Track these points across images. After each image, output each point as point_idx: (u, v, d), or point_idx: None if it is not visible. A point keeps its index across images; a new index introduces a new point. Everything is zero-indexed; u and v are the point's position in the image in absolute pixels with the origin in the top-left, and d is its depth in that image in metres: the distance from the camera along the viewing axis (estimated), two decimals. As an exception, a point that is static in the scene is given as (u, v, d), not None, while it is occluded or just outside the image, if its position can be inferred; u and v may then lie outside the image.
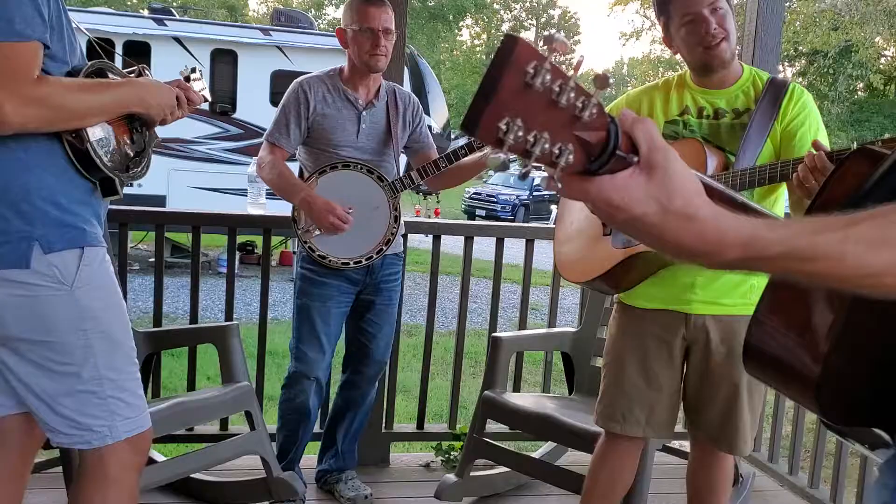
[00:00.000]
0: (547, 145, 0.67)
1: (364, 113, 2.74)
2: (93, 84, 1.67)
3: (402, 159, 2.94)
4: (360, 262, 2.73)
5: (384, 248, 2.75)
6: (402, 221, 2.79)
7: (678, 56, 2.15)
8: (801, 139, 2.04)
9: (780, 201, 2.14)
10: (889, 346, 0.88)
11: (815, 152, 1.80)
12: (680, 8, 2.03)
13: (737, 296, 2.09)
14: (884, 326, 0.87)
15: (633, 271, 2.10)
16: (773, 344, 0.95)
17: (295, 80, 2.78)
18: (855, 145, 1.76)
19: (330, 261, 2.71)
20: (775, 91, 2.07)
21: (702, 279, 2.08)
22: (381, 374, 2.99)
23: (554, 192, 0.73)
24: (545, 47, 0.67)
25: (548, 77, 0.66)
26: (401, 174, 2.79)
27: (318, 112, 2.71)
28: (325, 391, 3.00)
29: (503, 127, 0.66)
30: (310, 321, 2.76)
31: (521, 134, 0.66)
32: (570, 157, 0.69)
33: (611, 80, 0.77)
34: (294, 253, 2.85)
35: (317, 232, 2.70)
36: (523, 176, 0.71)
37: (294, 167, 2.88)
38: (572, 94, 0.68)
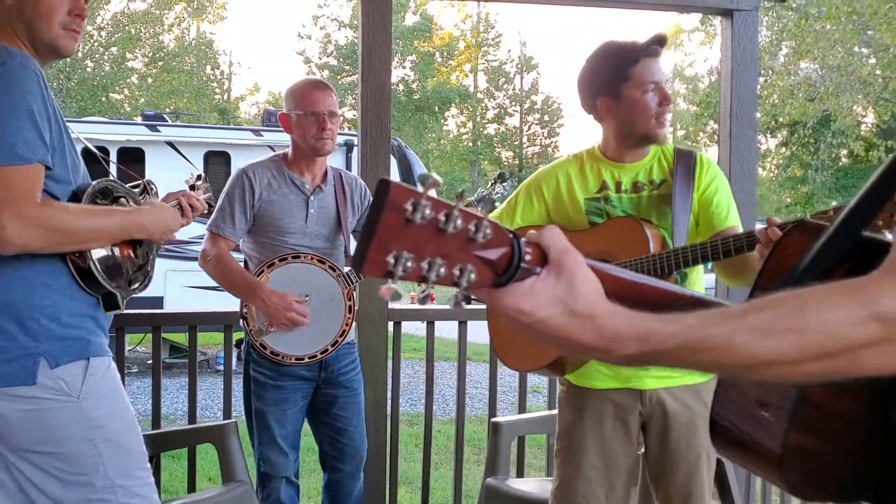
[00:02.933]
0: (443, 269, 0.72)
1: (312, 198, 2.70)
2: (97, 210, 1.71)
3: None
4: (316, 356, 2.66)
5: (340, 341, 2.67)
6: (355, 311, 2.72)
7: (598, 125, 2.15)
8: (718, 206, 2.11)
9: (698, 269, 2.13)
10: (851, 419, 0.88)
11: (766, 227, 1.80)
12: (645, 74, 2.04)
13: None
14: (841, 400, 0.86)
15: None
16: (734, 422, 0.95)
17: (237, 168, 2.74)
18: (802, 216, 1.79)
19: (283, 357, 2.63)
20: (686, 161, 2.12)
21: None
22: (361, 466, 2.85)
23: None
24: (421, 186, 0.72)
25: (427, 211, 0.70)
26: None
27: (263, 199, 2.65)
28: (296, 482, 2.85)
29: (391, 260, 0.70)
30: (266, 427, 2.68)
31: (410, 264, 0.71)
32: (473, 275, 0.74)
33: (496, 203, 0.81)
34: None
35: (271, 330, 2.63)
36: (422, 301, 0.76)
37: (238, 258, 2.79)
38: (459, 221, 0.72)
